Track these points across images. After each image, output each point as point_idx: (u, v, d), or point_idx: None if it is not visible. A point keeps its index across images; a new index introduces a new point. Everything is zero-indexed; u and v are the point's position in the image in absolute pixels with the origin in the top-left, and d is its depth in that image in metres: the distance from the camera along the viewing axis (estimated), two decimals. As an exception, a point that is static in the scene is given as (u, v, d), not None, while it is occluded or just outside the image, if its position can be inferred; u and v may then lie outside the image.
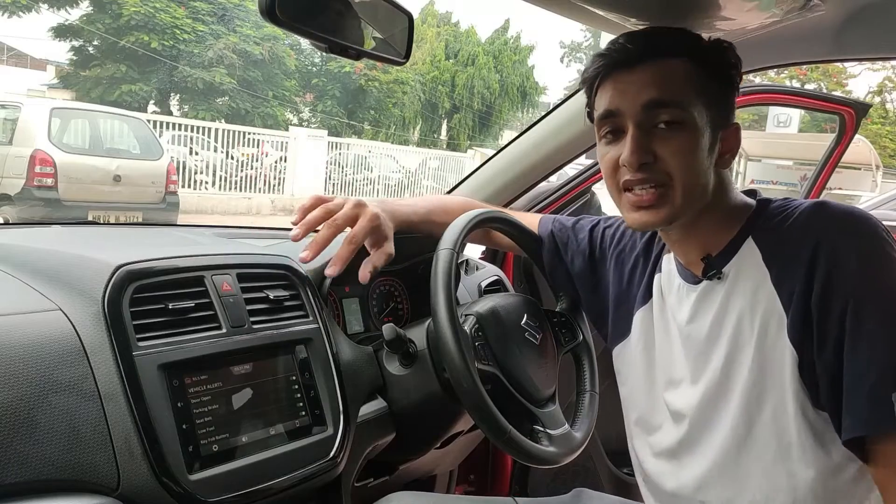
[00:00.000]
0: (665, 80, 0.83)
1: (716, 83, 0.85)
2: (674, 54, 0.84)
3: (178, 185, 8.07)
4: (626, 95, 0.84)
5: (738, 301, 0.85)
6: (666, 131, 0.83)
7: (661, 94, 0.82)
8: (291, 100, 17.77)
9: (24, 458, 0.70)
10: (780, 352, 0.81)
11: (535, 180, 1.59)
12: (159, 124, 9.96)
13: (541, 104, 24.02)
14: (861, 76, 29.91)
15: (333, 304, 1.20)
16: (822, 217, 0.80)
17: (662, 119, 0.82)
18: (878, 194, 8.34)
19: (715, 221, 0.88)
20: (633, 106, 0.84)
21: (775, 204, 0.87)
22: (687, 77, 0.83)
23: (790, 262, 0.80)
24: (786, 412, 0.81)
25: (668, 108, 0.82)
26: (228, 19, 15.81)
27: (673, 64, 0.83)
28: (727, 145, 0.87)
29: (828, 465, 0.80)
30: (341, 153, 12.63)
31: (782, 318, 0.80)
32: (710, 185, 0.86)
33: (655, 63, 0.83)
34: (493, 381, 1.01)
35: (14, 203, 6.52)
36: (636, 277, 1.03)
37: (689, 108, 0.82)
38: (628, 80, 0.84)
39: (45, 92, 17.95)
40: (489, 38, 23.03)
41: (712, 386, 0.87)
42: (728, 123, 0.87)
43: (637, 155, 0.82)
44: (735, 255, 0.86)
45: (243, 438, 0.88)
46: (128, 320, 0.83)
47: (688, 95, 0.82)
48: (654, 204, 0.84)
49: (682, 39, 0.86)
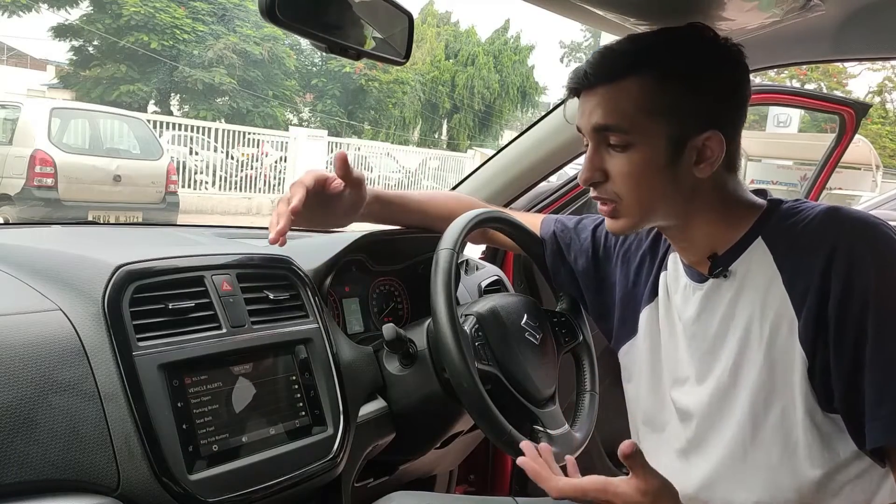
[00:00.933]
0: (611, 104, 0.84)
1: (689, 91, 0.83)
2: (631, 73, 0.83)
3: (178, 185, 8.06)
4: (583, 116, 0.88)
5: (748, 300, 0.85)
6: (616, 150, 0.86)
7: (605, 119, 0.85)
8: (291, 100, 17.77)
9: (25, 458, 0.70)
10: (790, 354, 0.80)
11: (535, 180, 1.59)
12: (159, 124, 9.96)
13: (541, 104, 24.02)
14: (861, 76, 29.92)
15: (333, 304, 1.20)
16: (838, 222, 0.80)
17: (610, 141, 0.86)
18: (878, 194, 8.33)
19: (717, 220, 0.87)
20: (587, 126, 0.88)
21: (787, 205, 0.86)
22: (641, 96, 0.82)
23: (804, 266, 0.80)
24: (794, 414, 0.81)
25: (612, 133, 0.85)
26: (228, 19, 15.80)
27: (626, 85, 0.83)
28: (706, 153, 0.83)
29: (834, 465, 0.80)
30: (341, 153, 12.62)
31: (793, 320, 0.80)
32: (687, 193, 0.85)
33: (607, 87, 0.85)
34: (493, 381, 1.01)
35: (14, 203, 6.52)
36: (642, 276, 1.03)
37: (634, 132, 0.83)
38: (585, 100, 0.88)
39: (45, 92, 17.94)
40: (489, 38, 23.04)
41: (719, 385, 0.87)
42: (701, 131, 0.82)
43: (586, 174, 0.89)
44: (743, 254, 0.86)
45: (243, 438, 0.88)
46: (128, 320, 0.83)
47: (637, 117, 0.83)
48: (611, 215, 0.90)
49: (647, 53, 0.85)
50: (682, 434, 0.94)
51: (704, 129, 0.83)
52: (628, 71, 0.84)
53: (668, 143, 0.83)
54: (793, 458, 0.82)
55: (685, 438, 0.93)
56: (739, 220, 0.87)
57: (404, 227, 1.24)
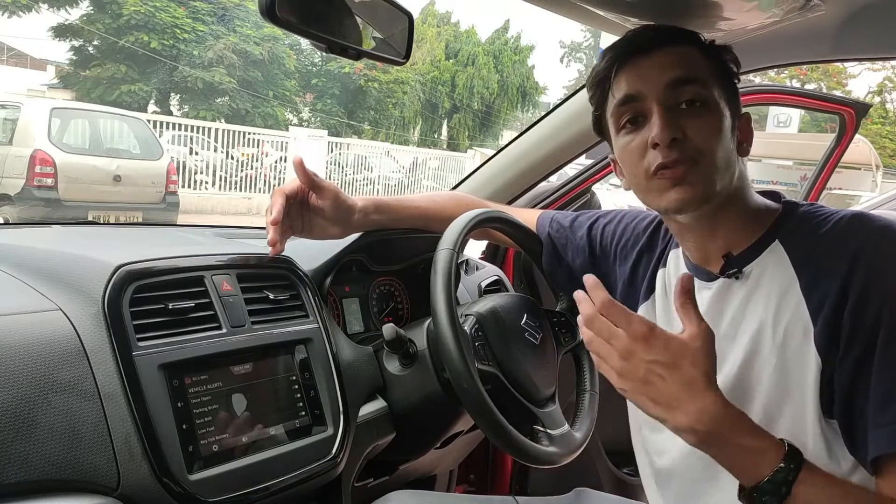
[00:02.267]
0: (685, 60, 0.85)
1: (724, 74, 0.88)
2: (689, 42, 0.88)
3: (178, 185, 8.06)
4: (648, 78, 0.85)
5: (761, 303, 0.84)
6: (690, 111, 0.84)
7: (684, 72, 0.84)
8: (291, 100, 17.78)
9: (25, 458, 0.70)
10: (805, 358, 0.79)
11: (536, 180, 1.59)
12: (159, 124, 9.97)
13: (541, 104, 24.02)
14: (861, 76, 29.91)
15: (333, 304, 1.20)
16: (862, 229, 0.79)
17: (686, 98, 0.84)
18: (878, 194, 8.32)
19: (737, 218, 0.87)
20: (657, 87, 0.84)
21: (806, 209, 0.86)
22: (707, 61, 0.87)
23: (824, 271, 0.79)
24: (804, 419, 0.80)
25: (691, 85, 0.84)
26: (228, 19, 15.81)
27: (689, 49, 0.87)
28: (743, 134, 0.89)
29: (837, 474, 0.78)
30: (341, 153, 12.63)
31: (809, 325, 0.79)
32: (736, 172, 0.86)
33: (674, 47, 0.86)
34: (493, 381, 1.01)
35: (14, 203, 6.52)
36: (639, 273, 1.02)
37: (710, 88, 0.84)
38: (648, 64, 0.86)
39: (45, 92, 17.94)
40: (489, 38, 23.04)
41: (727, 387, 0.85)
42: (740, 113, 0.89)
43: (668, 130, 0.82)
44: (759, 256, 0.85)
45: (243, 438, 0.88)
46: (128, 320, 0.83)
47: (708, 76, 0.85)
48: (688, 178, 0.82)
49: (691, 33, 0.90)
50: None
51: (741, 110, 0.89)
52: (690, 39, 0.88)
53: (729, 110, 0.86)
54: None
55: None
56: (757, 221, 0.87)
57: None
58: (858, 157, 11.10)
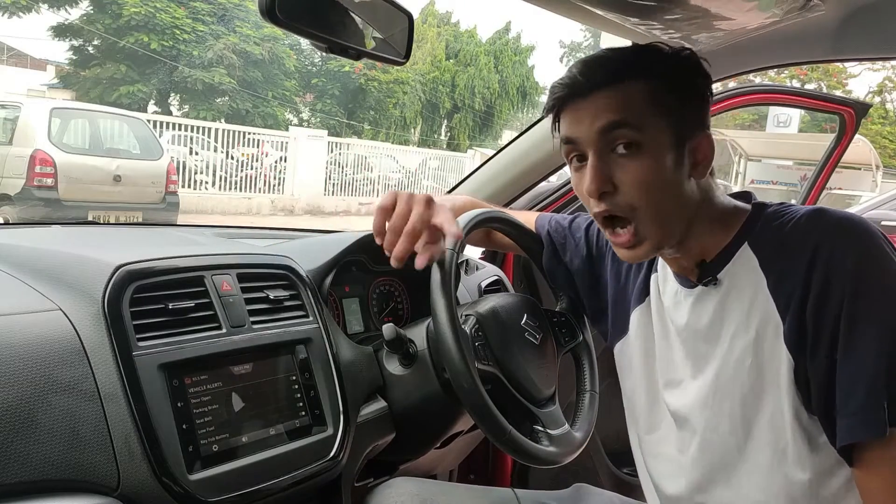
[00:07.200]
0: (620, 103, 0.82)
1: (679, 97, 0.84)
2: (629, 77, 0.83)
3: (178, 185, 8.06)
4: (583, 123, 0.84)
5: (735, 307, 0.85)
6: (624, 157, 0.82)
7: (616, 115, 0.81)
8: (291, 100, 17.77)
9: (25, 458, 0.70)
10: (777, 357, 0.81)
11: (536, 180, 1.59)
12: (159, 124, 9.95)
13: (541, 104, 23.80)
14: (861, 76, 29.90)
15: (333, 304, 1.20)
16: (821, 223, 0.80)
17: (620, 142, 0.82)
18: (878, 194, 8.32)
19: (705, 228, 0.87)
20: (590, 133, 0.83)
21: (771, 209, 0.86)
22: (644, 98, 0.82)
23: (787, 269, 0.80)
24: (782, 416, 0.81)
25: (624, 129, 0.81)
26: (228, 19, 15.80)
27: (628, 87, 0.82)
28: (699, 156, 0.85)
29: (821, 469, 0.80)
30: (341, 153, 12.63)
31: (779, 323, 0.80)
32: (691, 200, 0.85)
33: (610, 88, 0.83)
34: (493, 381, 1.01)
35: (14, 203, 6.52)
36: (632, 275, 1.03)
37: (645, 130, 0.81)
38: (584, 107, 0.84)
39: (45, 92, 17.94)
40: (490, 38, 23.04)
41: (710, 389, 0.88)
42: (696, 133, 0.84)
43: (596, 183, 0.82)
44: (730, 262, 0.86)
45: (243, 438, 0.88)
46: (128, 320, 0.83)
47: (645, 116, 0.82)
48: (633, 244, 0.84)
49: (638, 60, 0.85)
50: (674, 436, 0.94)
51: (697, 130, 0.84)
52: (633, 73, 0.83)
53: (672, 143, 0.83)
54: (783, 462, 0.82)
55: (678, 440, 0.93)
56: (726, 227, 0.87)
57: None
58: (858, 157, 11.11)
